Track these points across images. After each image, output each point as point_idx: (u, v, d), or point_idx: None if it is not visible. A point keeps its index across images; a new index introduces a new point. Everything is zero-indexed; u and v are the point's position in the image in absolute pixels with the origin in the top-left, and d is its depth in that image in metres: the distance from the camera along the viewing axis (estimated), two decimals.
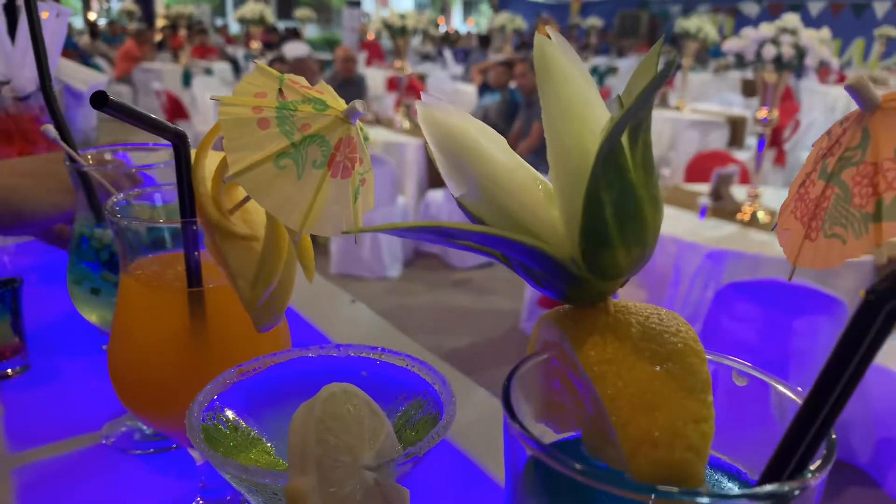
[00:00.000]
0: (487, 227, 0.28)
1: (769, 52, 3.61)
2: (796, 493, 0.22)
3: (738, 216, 3.09)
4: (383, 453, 0.33)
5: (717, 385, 0.29)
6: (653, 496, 0.22)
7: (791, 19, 3.75)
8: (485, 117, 5.93)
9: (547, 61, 0.28)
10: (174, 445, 0.72)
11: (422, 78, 8.26)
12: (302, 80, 0.44)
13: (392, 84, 6.84)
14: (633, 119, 0.25)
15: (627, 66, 11.80)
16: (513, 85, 5.81)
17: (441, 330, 3.73)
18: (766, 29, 3.73)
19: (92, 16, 18.44)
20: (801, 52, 3.58)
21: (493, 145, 0.30)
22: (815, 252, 0.26)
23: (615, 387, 0.26)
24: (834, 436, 0.24)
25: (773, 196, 3.55)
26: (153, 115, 0.49)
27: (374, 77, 9.53)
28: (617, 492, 0.22)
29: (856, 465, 2.66)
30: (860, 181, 0.25)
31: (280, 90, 0.42)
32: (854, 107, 0.29)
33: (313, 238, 0.47)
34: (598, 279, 0.28)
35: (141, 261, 0.55)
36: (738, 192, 3.39)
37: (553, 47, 0.28)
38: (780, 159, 5.99)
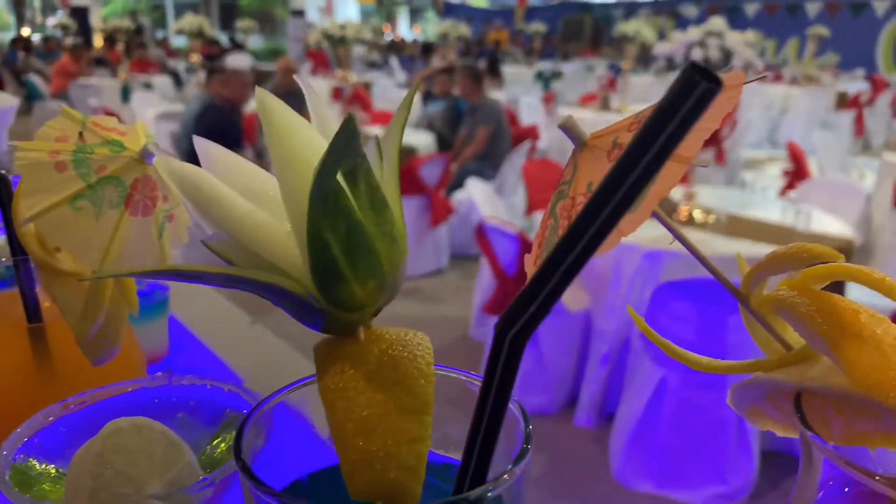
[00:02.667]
0: (225, 268, 0.29)
1: (697, 54, 3.71)
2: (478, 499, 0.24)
3: (675, 216, 3.17)
4: (177, 482, 0.34)
5: None
6: None
7: (717, 23, 3.87)
8: (430, 125, 5.95)
9: (268, 112, 0.29)
10: None
11: (367, 86, 8.25)
12: (108, 121, 0.45)
13: (337, 93, 6.80)
14: (341, 165, 0.27)
15: (572, 69, 12.02)
16: (456, 92, 5.85)
17: None
18: (694, 32, 3.84)
19: (25, 31, 17.87)
20: (727, 54, 3.70)
21: (235, 188, 0.30)
22: None
23: (343, 412, 0.28)
24: (528, 446, 0.26)
25: (710, 195, 3.65)
26: None
27: (320, 86, 9.47)
28: None
29: (795, 455, 2.76)
30: (563, 214, 0.26)
31: (81, 133, 0.43)
32: None
33: None
34: (340, 311, 0.29)
35: None
36: (675, 192, 3.47)
37: (274, 99, 0.30)
38: (720, 158, 6.18)
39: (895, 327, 0.26)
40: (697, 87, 0.15)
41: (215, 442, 0.41)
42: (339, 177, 0.27)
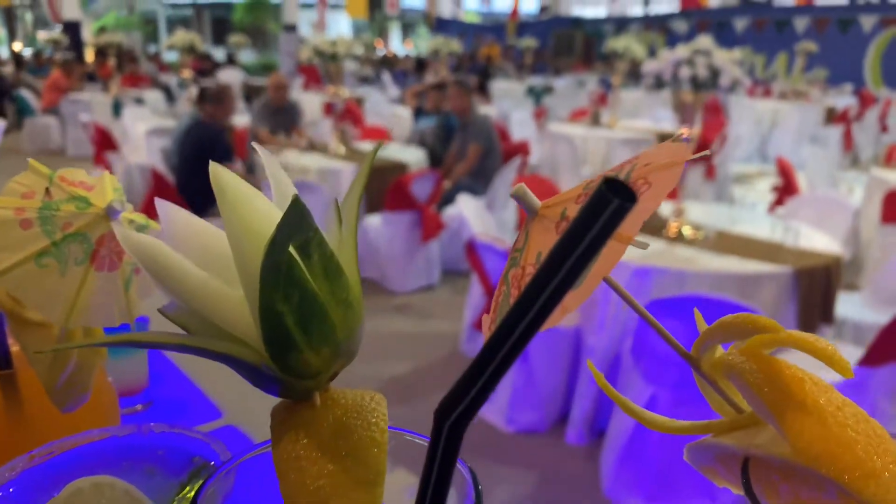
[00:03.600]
0: (180, 337, 0.29)
1: (685, 72, 3.75)
2: None
3: (664, 232, 3.18)
4: None
5: None
6: None
7: (705, 41, 3.91)
8: (421, 141, 5.97)
9: (222, 185, 0.30)
10: None
11: (359, 101, 8.28)
12: (75, 174, 0.46)
13: (329, 109, 6.83)
14: (293, 240, 0.27)
15: (563, 84, 12.13)
16: (447, 108, 5.88)
17: (381, 357, 3.71)
18: (682, 50, 3.87)
19: (17, 46, 17.85)
20: (715, 72, 3.74)
21: (193, 250, 0.31)
22: None
23: (295, 484, 0.28)
24: None
25: (699, 211, 3.67)
26: None
27: (312, 101, 9.49)
28: None
29: None
30: (514, 283, 0.27)
31: (48, 189, 0.44)
32: None
33: None
34: (295, 379, 0.30)
35: None
36: (664, 207, 3.48)
37: (227, 173, 0.30)
38: (710, 173, 6.23)
39: (838, 396, 0.27)
40: (610, 204, 0.16)
41: (183, 492, 0.42)
42: (292, 249, 0.28)
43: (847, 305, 3.32)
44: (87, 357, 0.47)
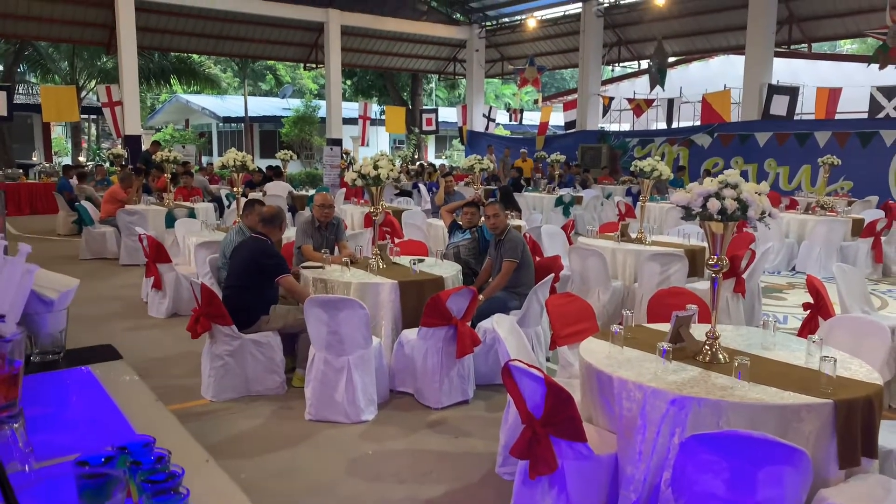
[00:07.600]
0: None
1: (714, 205, 3.91)
2: None
3: (699, 357, 3.18)
4: None
5: None
6: None
7: (732, 174, 4.11)
8: (456, 255, 6.18)
9: None
10: None
11: (397, 213, 8.68)
12: None
13: (369, 220, 7.16)
14: None
15: (590, 195, 12.53)
16: (482, 223, 6.12)
17: (417, 478, 3.70)
18: (710, 184, 4.07)
19: (81, 158, 19.08)
20: (743, 205, 3.90)
21: None
22: None
23: None
24: None
25: (733, 336, 3.68)
26: None
27: (353, 213, 9.96)
28: None
29: None
30: None
31: None
32: None
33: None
34: None
35: None
36: (699, 330, 3.49)
37: None
38: (739, 287, 6.28)
39: None
40: None
41: None
42: None
43: (891, 435, 3.21)
44: None
